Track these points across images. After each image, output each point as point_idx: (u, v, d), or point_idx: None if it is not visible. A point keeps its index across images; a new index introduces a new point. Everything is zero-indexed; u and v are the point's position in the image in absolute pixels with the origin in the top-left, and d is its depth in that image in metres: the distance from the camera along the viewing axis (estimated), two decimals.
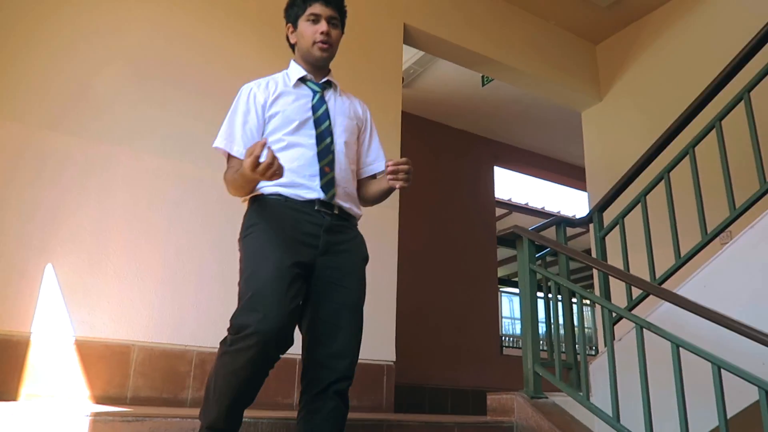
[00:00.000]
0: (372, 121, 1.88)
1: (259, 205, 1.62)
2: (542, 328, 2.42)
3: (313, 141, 1.65)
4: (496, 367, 5.77)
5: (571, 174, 6.53)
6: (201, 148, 3.07)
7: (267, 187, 1.60)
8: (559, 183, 6.75)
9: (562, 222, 2.62)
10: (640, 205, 2.42)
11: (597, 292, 2.58)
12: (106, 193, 2.82)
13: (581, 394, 2.16)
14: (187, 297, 2.90)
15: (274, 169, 1.40)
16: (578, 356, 2.36)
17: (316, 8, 1.70)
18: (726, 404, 1.73)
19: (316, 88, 1.74)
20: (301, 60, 1.77)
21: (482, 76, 5.48)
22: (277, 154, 1.51)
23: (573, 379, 2.25)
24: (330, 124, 1.69)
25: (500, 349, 6.09)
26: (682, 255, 2.25)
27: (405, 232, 3.83)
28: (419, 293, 5.36)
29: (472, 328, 5.80)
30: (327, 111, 1.71)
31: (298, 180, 1.61)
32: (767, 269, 1.92)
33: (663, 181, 2.34)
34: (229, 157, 1.70)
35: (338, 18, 1.75)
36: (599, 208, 2.59)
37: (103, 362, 2.65)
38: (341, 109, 1.76)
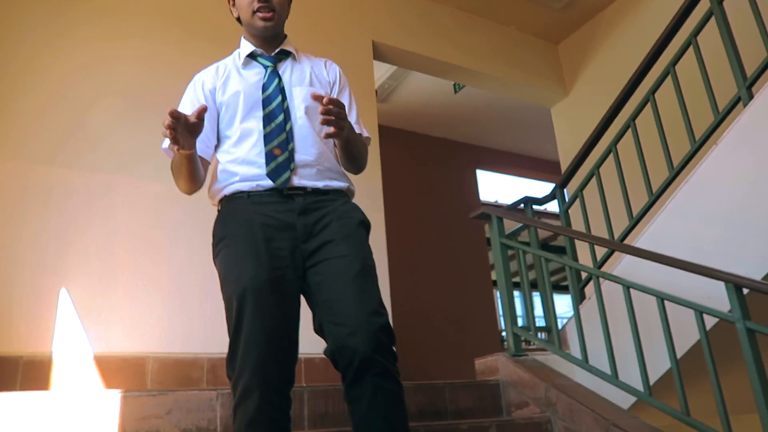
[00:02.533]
0: (342, 79, 1.66)
1: (224, 210, 1.51)
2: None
3: (260, 124, 1.49)
4: None
5: (549, 169, 6.80)
6: None
7: (228, 186, 1.49)
8: (539, 179, 7.02)
9: (528, 201, 2.88)
10: (594, 177, 2.68)
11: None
12: (109, 218, 3.04)
13: (554, 345, 2.40)
14: (194, 308, 3.10)
15: (183, 124, 1.32)
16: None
17: None
18: (680, 339, 1.97)
19: (267, 63, 1.56)
20: (248, 34, 1.60)
21: (454, 84, 5.77)
22: (233, 148, 1.48)
23: (551, 337, 2.48)
24: (282, 99, 1.50)
25: (500, 344, 6.28)
26: (634, 215, 2.50)
27: (398, 239, 4.05)
28: (418, 296, 5.55)
29: (472, 326, 5.98)
30: (279, 86, 1.52)
31: (253, 170, 1.45)
32: (703, 218, 2.17)
33: (612, 153, 2.61)
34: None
35: None
36: (560, 185, 2.85)
37: (122, 374, 2.84)
38: (299, 77, 1.57)
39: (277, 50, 1.59)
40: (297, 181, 1.45)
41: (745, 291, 1.79)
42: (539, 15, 5.02)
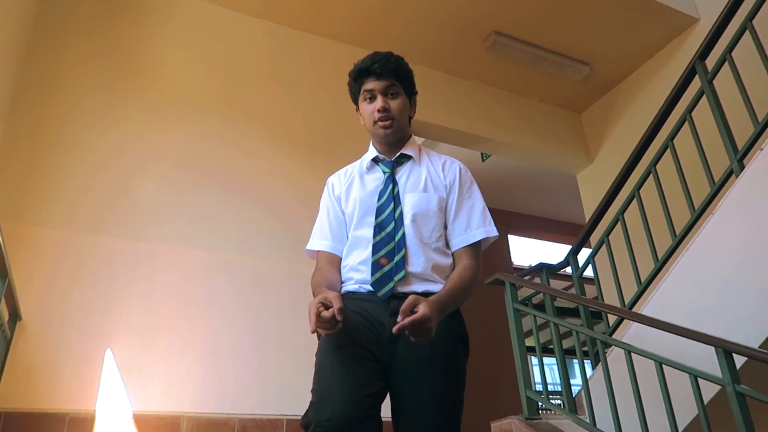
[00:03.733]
0: (463, 178, 1.61)
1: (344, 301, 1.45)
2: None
3: (371, 232, 1.50)
4: None
5: (577, 233, 6.86)
6: (230, 238, 3.57)
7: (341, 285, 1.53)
8: (568, 243, 7.07)
9: (543, 267, 3.00)
10: (605, 245, 2.80)
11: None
12: (151, 283, 3.30)
13: (566, 409, 2.45)
14: (227, 369, 3.28)
15: (330, 326, 1.30)
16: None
17: (369, 84, 1.56)
18: (688, 405, 2.03)
19: (386, 168, 1.58)
20: (374, 141, 1.65)
21: (481, 153, 6.00)
22: (347, 252, 1.53)
23: (565, 401, 2.54)
24: (395, 206, 1.51)
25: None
26: (642, 281, 2.59)
27: None
28: None
29: (505, 392, 5.94)
30: (393, 193, 1.53)
31: (359, 276, 1.49)
32: (703, 284, 2.25)
33: (619, 222, 2.74)
34: (318, 254, 1.60)
35: (398, 85, 1.57)
36: (573, 252, 2.97)
37: None
38: (414, 182, 1.56)
39: (397, 155, 1.60)
40: (399, 289, 1.43)
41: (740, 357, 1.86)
42: (561, 87, 5.25)
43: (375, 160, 1.62)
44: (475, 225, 1.56)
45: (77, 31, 3.66)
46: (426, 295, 1.37)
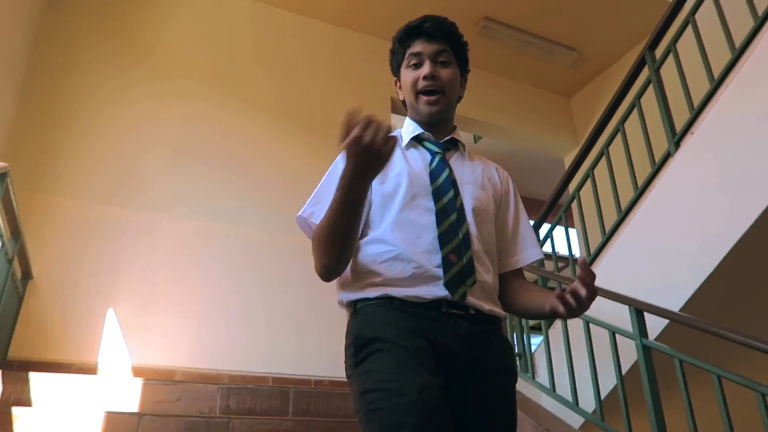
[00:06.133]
0: (516, 195, 1.37)
1: (366, 314, 1.15)
2: None
3: (432, 218, 1.18)
4: None
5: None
6: (227, 212, 3.85)
7: (369, 289, 1.15)
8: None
9: None
10: (562, 219, 3.05)
11: None
12: (152, 251, 3.60)
13: (528, 374, 2.72)
14: (219, 330, 3.57)
15: (380, 132, 1.00)
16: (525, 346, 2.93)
17: (417, 46, 1.28)
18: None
19: (436, 149, 1.28)
20: (414, 116, 1.33)
21: (474, 135, 6.20)
22: (385, 241, 1.17)
23: (523, 364, 2.81)
24: (455, 195, 1.21)
25: None
26: (591, 252, 2.85)
27: None
28: None
29: None
30: (451, 178, 1.23)
31: (415, 273, 1.14)
32: (640, 255, 2.49)
33: (576, 199, 2.98)
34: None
35: (450, 52, 1.28)
36: (535, 226, 3.23)
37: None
38: (470, 176, 1.28)
39: (447, 137, 1.31)
40: (470, 297, 1.14)
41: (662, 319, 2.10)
42: (550, 71, 5.43)
43: (418, 139, 1.30)
44: (533, 243, 1.34)
45: (90, 12, 3.94)
46: (492, 317, 1.18)
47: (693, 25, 2.49)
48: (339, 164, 1.23)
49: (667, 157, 2.49)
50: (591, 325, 2.32)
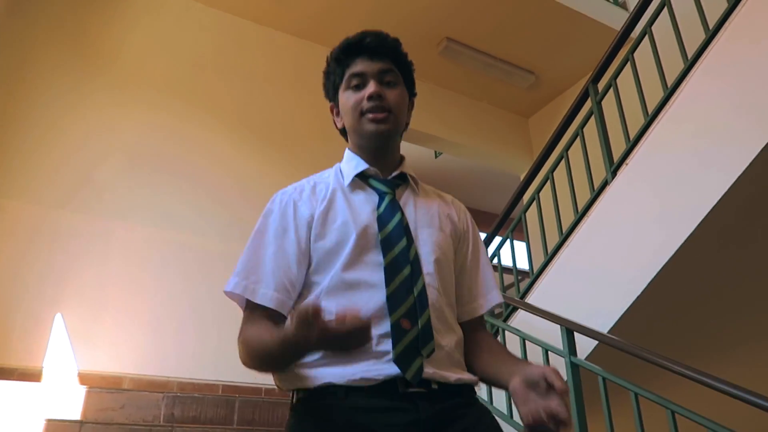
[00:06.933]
0: (476, 231, 1.22)
1: (306, 413, 0.98)
2: None
3: (378, 276, 1.00)
4: None
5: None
6: (182, 220, 3.86)
7: (306, 370, 0.96)
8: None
9: None
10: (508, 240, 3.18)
11: None
12: (105, 257, 3.58)
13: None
14: (170, 338, 3.56)
15: (358, 336, 0.82)
16: None
17: (358, 65, 1.12)
18: None
19: (384, 188, 1.11)
20: (355, 148, 1.16)
21: (435, 151, 6.34)
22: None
23: None
24: (409, 244, 1.03)
25: None
26: (534, 272, 2.98)
27: None
28: None
29: None
30: (403, 223, 1.06)
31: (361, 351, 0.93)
32: (576, 277, 2.63)
33: (522, 221, 3.12)
34: (251, 305, 1.04)
35: (397, 72, 1.14)
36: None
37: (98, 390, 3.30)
38: (425, 216, 1.12)
39: (395, 173, 1.14)
40: (429, 372, 0.95)
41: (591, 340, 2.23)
42: (509, 92, 5.61)
43: (362, 176, 1.13)
44: (494, 284, 1.18)
45: (50, 20, 3.91)
46: (461, 387, 0.99)
47: (632, 63, 2.66)
48: (269, 222, 1.09)
49: (605, 185, 2.64)
50: (526, 342, 2.44)
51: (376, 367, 0.93)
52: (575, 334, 2.21)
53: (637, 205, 2.42)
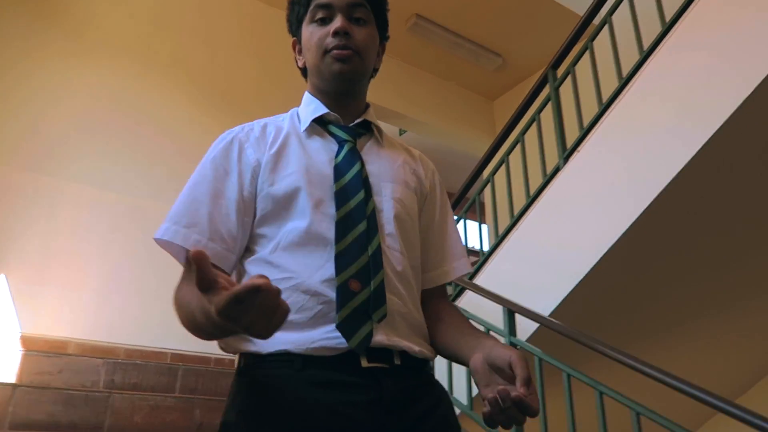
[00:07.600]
0: (443, 192, 1.12)
1: (251, 391, 0.86)
2: None
3: (329, 229, 0.90)
4: None
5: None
6: (134, 184, 3.78)
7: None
8: (474, 220, 7.58)
9: None
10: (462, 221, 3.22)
11: None
12: (51, 217, 3.48)
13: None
14: (117, 302, 3.51)
15: (274, 315, 0.65)
16: None
17: None
18: None
19: (344, 136, 1.00)
20: (315, 90, 1.04)
21: (399, 129, 6.33)
22: (275, 264, 0.90)
23: None
24: (367, 198, 0.93)
25: None
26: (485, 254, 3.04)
27: None
28: None
29: None
30: (362, 174, 0.95)
31: (313, 310, 0.85)
32: (524, 260, 2.69)
33: (476, 204, 3.16)
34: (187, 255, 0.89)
35: (368, 8, 1.01)
36: None
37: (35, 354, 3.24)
38: (389, 170, 1.01)
39: (358, 120, 1.03)
40: (381, 338, 0.85)
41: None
42: (476, 74, 5.63)
43: (321, 122, 1.02)
44: (462, 252, 1.09)
45: None
46: (420, 359, 0.91)
47: (590, 51, 2.69)
48: (208, 162, 1.01)
49: (557, 170, 2.69)
50: (471, 321, 2.49)
51: (338, 333, 0.83)
52: (517, 315, 2.27)
53: (585, 192, 2.48)
